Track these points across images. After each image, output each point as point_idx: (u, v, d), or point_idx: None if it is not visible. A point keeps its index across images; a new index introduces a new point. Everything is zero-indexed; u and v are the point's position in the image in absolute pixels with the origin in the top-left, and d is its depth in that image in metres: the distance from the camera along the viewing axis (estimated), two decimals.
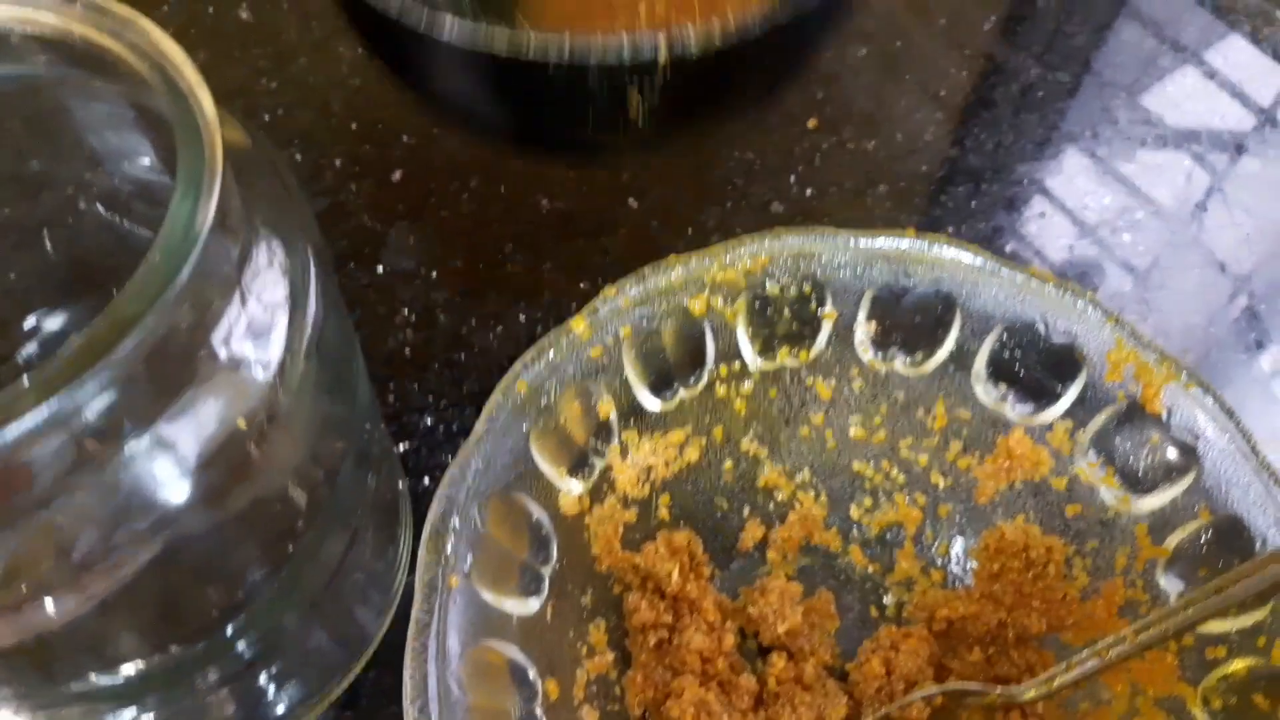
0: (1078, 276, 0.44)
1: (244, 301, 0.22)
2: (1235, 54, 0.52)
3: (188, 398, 0.21)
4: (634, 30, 0.26)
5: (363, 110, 0.46)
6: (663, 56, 0.26)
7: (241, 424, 0.21)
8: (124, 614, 0.24)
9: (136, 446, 0.20)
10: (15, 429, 0.17)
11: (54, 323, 0.34)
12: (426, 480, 0.38)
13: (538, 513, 0.29)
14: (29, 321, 0.33)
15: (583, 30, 0.30)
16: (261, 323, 0.22)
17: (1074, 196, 0.47)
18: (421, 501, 0.37)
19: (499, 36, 0.26)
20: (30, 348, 0.34)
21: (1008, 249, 0.44)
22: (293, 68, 0.47)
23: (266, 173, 0.24)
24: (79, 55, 0.23)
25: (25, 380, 0.18)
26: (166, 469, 0.21)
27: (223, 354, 0.21)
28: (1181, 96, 0.51)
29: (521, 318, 0.42)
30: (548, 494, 0.30)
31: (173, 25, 0.48)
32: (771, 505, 0.35)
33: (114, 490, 0.21)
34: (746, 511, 0.34)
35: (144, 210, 0.30)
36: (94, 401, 0.18)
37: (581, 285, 0.42)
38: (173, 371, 0.20)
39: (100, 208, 0.30)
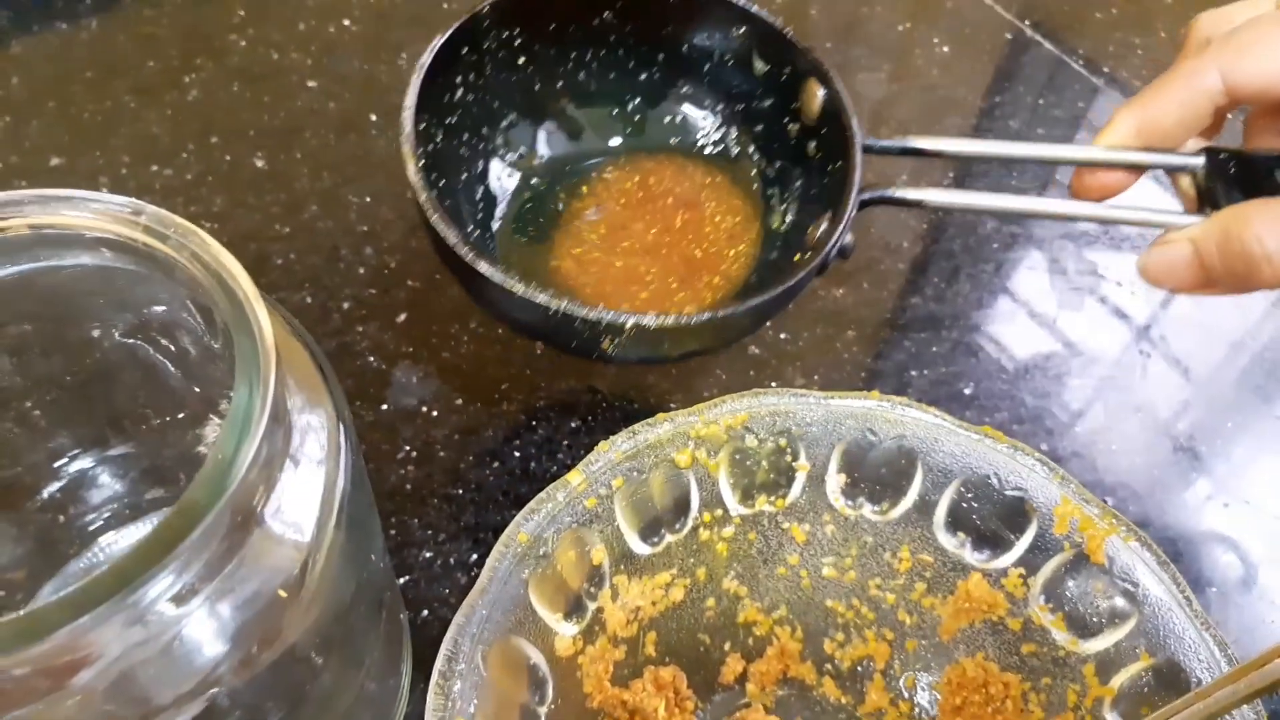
0: (1030, 419, 0.48)
1: (286, 478, 0.25)
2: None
3: (234, 571, 0.23)
4: (617, 308, 0.35)
5: (370, 256, 0.50)
6: (629, 323, 0.34)
7: (282, 594, 0.24)
8: None
9: (186, 618, 0.23)
10: (93, 616, 0.20)
11: (81, 461, 0.36)
12: (425, 612, 0.40)
13: (535, 656, 0.32)
14: (62, 459, 0.35)
15: (584, 299, 0.41)
16: (299, 496, 0.25)
17: (1025, 342, 0.51)
18: (420, 633, 0.39)
19: (515, 284, 0.34)
20: (58, 484, 0.36)
21: (965, 391, 0.48)
22: (304, 214, 0.51)
23: (303, 356, 0.27)
24: (143, 255, 0.26)
25: (102, 569, 0.20)
26: (210, 637, 0.23)
27: (266, 527, 0.24)
28: (1126, 248, 0.55)
29: (516, 454, 0.44)
30: (544, 637, 0.32)
31: (192, 172, 0.52)
32: (751, 640, 0.37)
33: (162, 660, 0.23)
34: (727, 646, 0.37)
35: (168, 347, 0.33)
36: (162, 584, 0.21)
37: (573, 423, 0.45)
38: (225, 548, 0.23)
39: (130, 348, 0.32)
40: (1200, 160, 0.37)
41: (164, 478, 0.37)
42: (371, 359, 0.46)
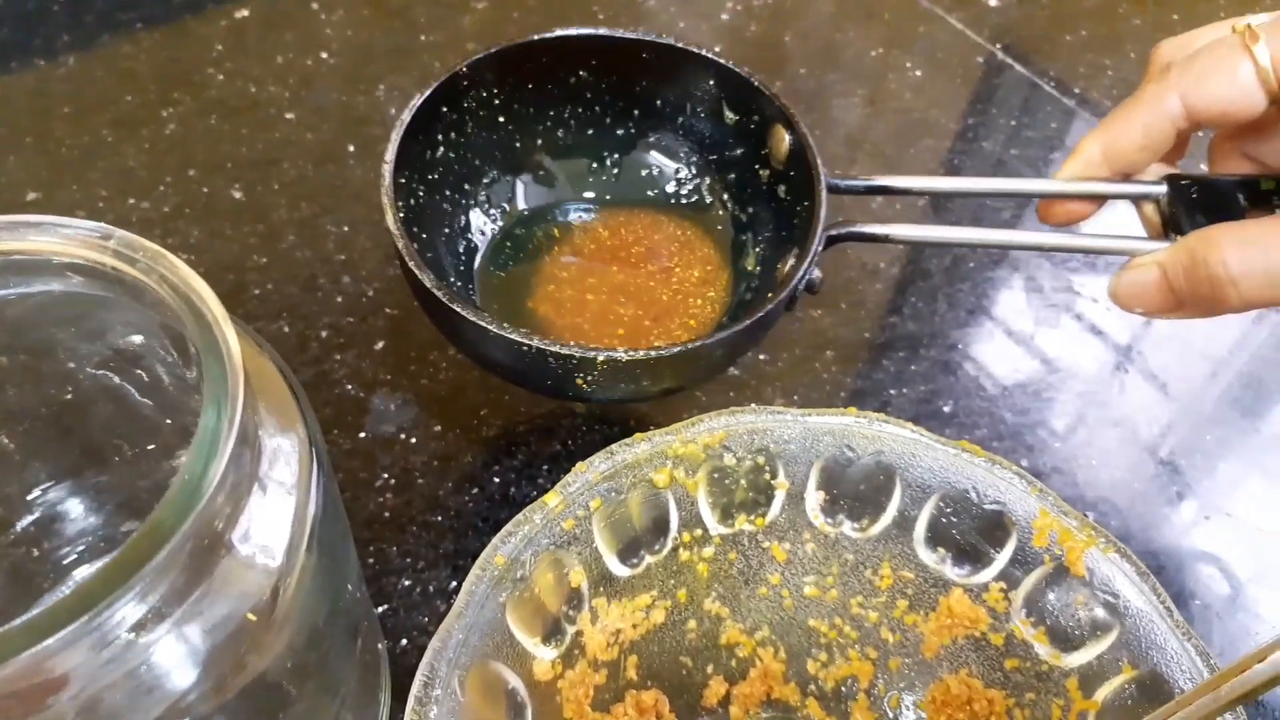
0: (1010, 436, 0.48)
1: (255, 501, 0.24)
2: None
3: (203, 594, 0.23)
4: (587, 344, 0.36)
5: (348, 285, 0.50)
6: (601, 358, 0.35)
7: (251, 617, 0.24)
8: None
9: (155, 642, 0.22)
10: (58, 639, 0.19)
11: (55, 493, 0.36)
12: (404, 641, 0.39)
13: (514, 681, 0.31)
14: (35, 492, 0.35)
15: (558, 336, 0.42)
16: (269, 520, 0.25)
17: (1004, 360, 0.51)
18: (399, 662, 0.39)
19: (489, 322, 0.35)
20: (31, 516, 0.35)
21: (945, 410, 0.48)
22: (282, 244, 0.51)
23: (276, 380, 0.27)
24: (111, 280, 0.26)
25: (67, 591, 0.20)
26: (180, 662, 0.23)
27: (235, 551, 0.24)
28: (1102, 266, 0.56)
29: (496, 480, 0.44)
30: (523, 662, 0.32)
31: (170, 204, 0.52)
32: (733, 662, 0.37)
33: (129, 685, 0.22)
34: (710, 669, 0.37)
35: (141, 377, 0.32)
36: (128, 607, 0.21)
37: (553, 448, 0.45)
38: (192, 571, 0.23)
39: (103, 379, 0.32)
40: (1163, 188, 0.38)
41: (139, 510, 0.37)
42: (349, 387, 0.46)
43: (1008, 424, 0.48)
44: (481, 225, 0.46)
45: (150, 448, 0.35)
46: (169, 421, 0.33)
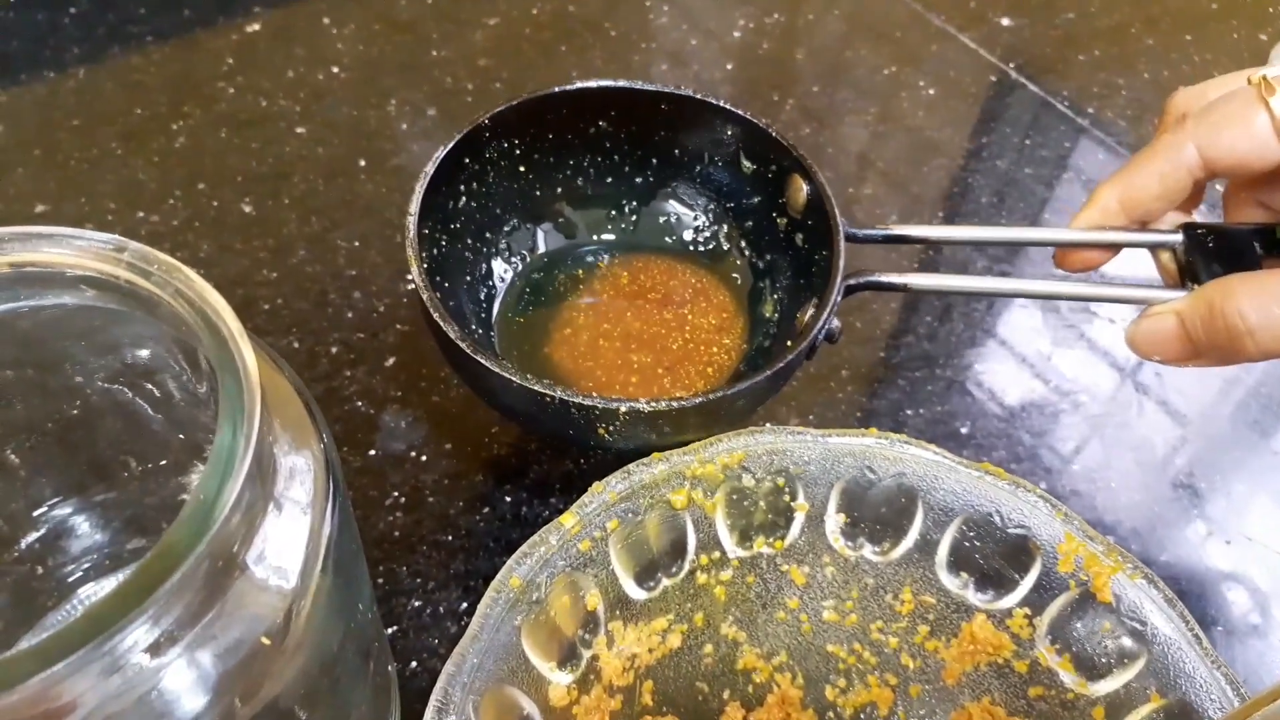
0: (1028, 458, 0.47)
1: (270, 521, 0.24)
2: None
3: (216, 618, 0.22)
4: (609, 395, 0.36)
5: (358, 300, 0.49)
6: (623, 409, 0.35)
7: (265, 641, 0.23)
8: None
9: (166, 667, 0.22)
10: (67, 665, 0.19)
11: (61, 510, 0.35)
12: (414, 664, 0.39)
13: (528, 707, 0.30)
14: (41, 508, 0.35)
15: (577, 386, 0.43)
16: (284, 541, 0.24)
17: (1020, 381, 0.50)
18: (409, 685, 0.38)
19: (513, 374, 0.35)
20: (37, 533, 0.35)
21: (962, 430, 0.47)
22: (292, 259, 0.50)
23: (291, 397, 0.27)
24: (126, 293, 0.25)
25: (74, 611, 0.19)
26: (191, 687, 0.22)
27: (250, 573, 0.23)
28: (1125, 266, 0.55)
29: (507, 499, 0.43)
30: (537, 686, 0.31)
31: (179, 218, 0.52)
32: (750, 688, 0.36)
33: (140, 711, 0.22)
34: (726, 694, 0.36)
35: (152, 393, 0.32)
36: (140, 631, 0.20)
37: (566, 464, 0.45)
38: (205, 594, 0.22)
39: (113, 393, 0.32)
40: (1179, 237, 0.38)
41: (146, 528, 0.36)
42: (360, 404, 0.45)
43: (1025, 445, 0.48)
44: (502, 272, 0.47)
45: (159, 464, 0.35)
46: (180, 438, 0.32)
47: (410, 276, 0.38)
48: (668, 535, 0.34)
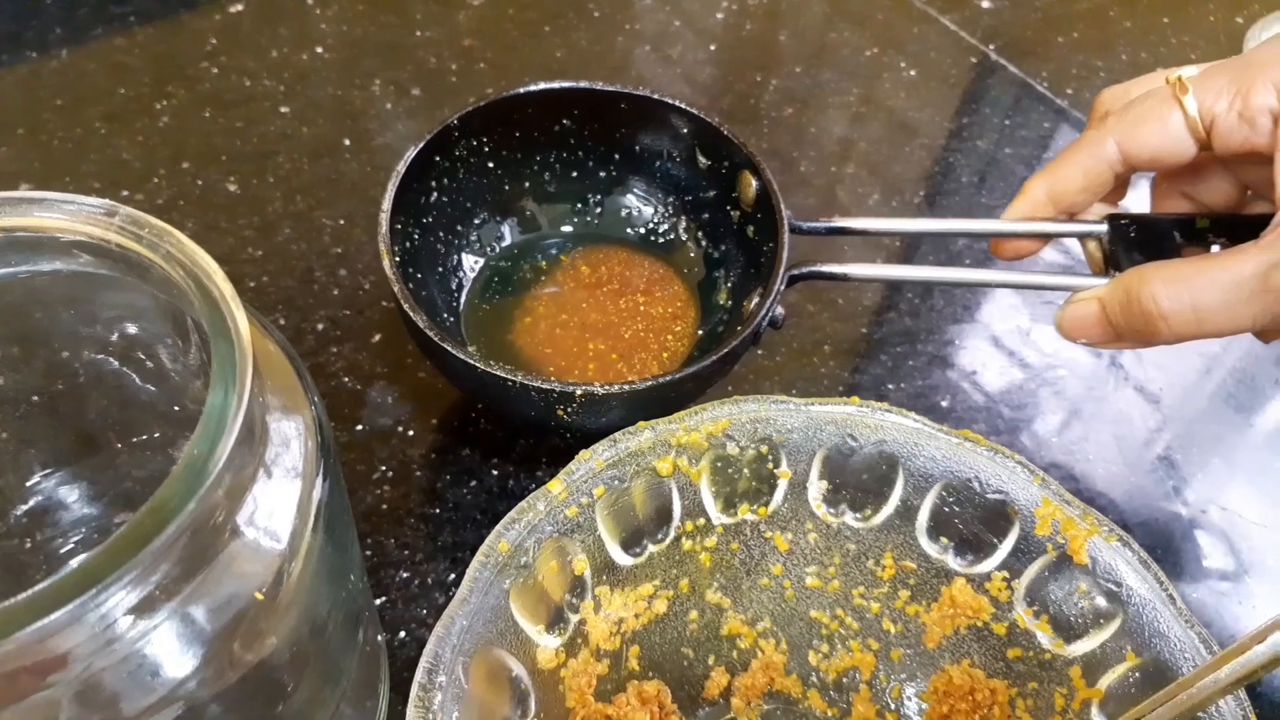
0: (1007, 430, 0.48)
1: (264, 480, 0.24)
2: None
3: (209, 574, 0.23)
4: (567, 379, 0.40)
5: (344, 278, 0.49)
6: (579, 392, 0.37)
7: (258, 596, 0.23)
8: None
9: (158, 622, 0.22)
10: (59, 617, 0.19)
11: (51, 482, 0.35)
12: (403, 633, 0.39)
13: (517, 668, 0.31)
14: (31, 479, 0.35)
15: (538, 370, 0.45)
16: (276, 501, 0.24)
17: (1000, 356, 0.51)
18: (398, 655, 0.39)
19: (476, 361, 0.37)
20: (26, 505, 0.35)
21: (943, 404, 0.48)
22: (277, 237, 0.51)
23: (281, 362, 0.27)
24: (117, 258, 0.25)
25: (71, 568, 0.20)
26: (184, 642, 0.23)
27: (242, 531, 0.23)
28: None
29: (494, 472, 0.44)
30: (526, 649, 0.32)
31: (164, 196, 0.52)
32: (735, 653, 0.37)
33: (133, 665, 0.22)
34: (711, 660, 0.36)
35: (144, 364, 0.32)
36: (133, 586, 0.20)
37: (553, 440, 0.45)
38: (198, 551, 0.22)
39: (103, 364, 0.32)
40: (1103, 227, 0.40)
41: (135, 502, 0.36)
42: (346, 379, 0.46)
43: (1005, 419, 0.48)
44: (472, 264, 0.48)
45: (149, 437, 0.35)
46: (172, 409, 0.33)
47: (384, 269, 0.39)
48: (653, 502, 0.35)
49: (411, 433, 0.44)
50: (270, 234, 0.51)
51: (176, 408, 0.33)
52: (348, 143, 0.56)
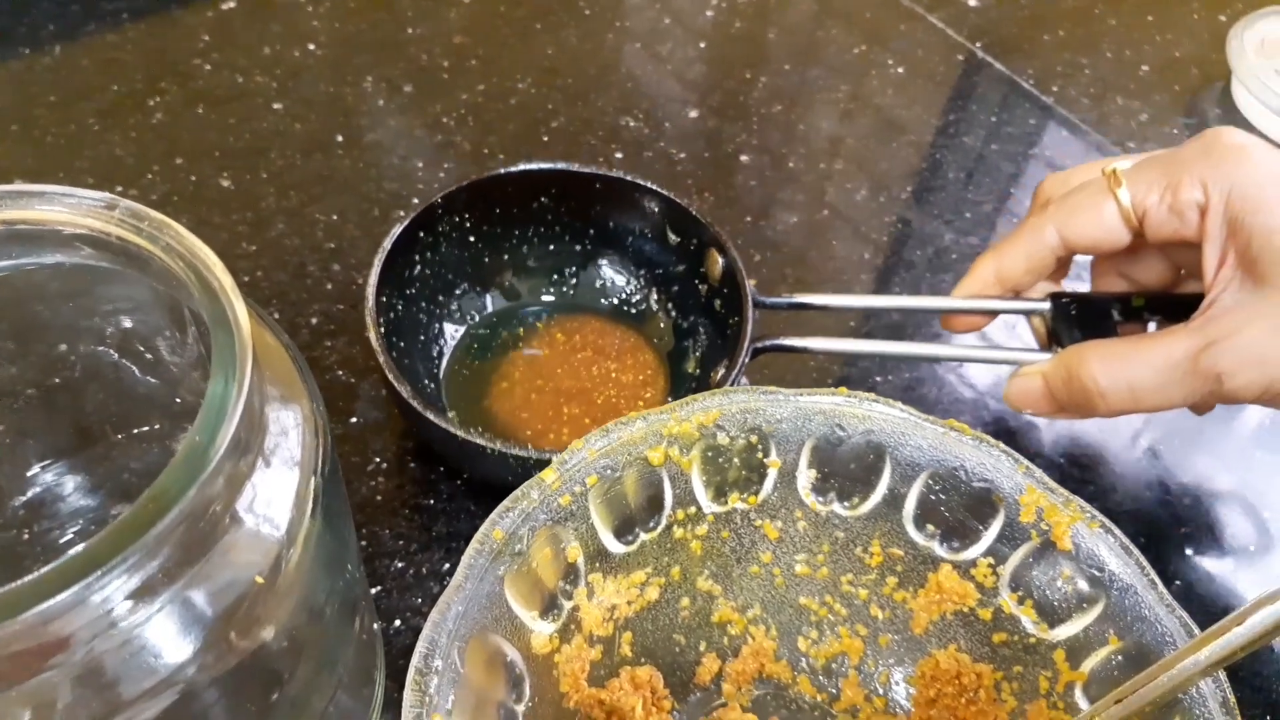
0: (993, 422, 0.49)
1: (263, 467, 0.25)
2: None
3: (209, 560, 0.23)
4: (541, 445, 0.43)
5: (337, 272, 0.50)
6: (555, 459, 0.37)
7: (259, 580, 0.24)
8: None
9: (158, 606, 0.22)
10: (60, 600, 0.19)
11: (49, 474, 0.35)
12: (398, 622, 0.40)
13: (512, 653, 0.31)
14: (29, 471, 0.35)
15: (514, 434, 0.47)
16: (275, 488, 0.25)
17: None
18: (393, 643, 0.39)
19: (453, 426, 0.40)
20: (26, 496, 0.35)
21: (930, 396, 0.49)
22: (271, 232, 0.51)
23: (279, 352, 0.27)
24: (118, 250, 0.26)
25: (73, 553, 0.20)
26: (183, 627, 0.23)
27: (242, 519, 0.24)
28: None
29: None
30: (520, 635, 0.32)
31: (157, 192, 0.52)
32: (725, 640, 0.37)
33: (135, 647, 0.22)
34: (703, 646, 0.37)
35: (144, 357, 0.32)
36: (134, 570, 0.21)
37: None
38: (198, 537, 0.23)
39: (103, 357, 0.32)
40: (1046, 305, 0.44)
41: (134, 493, 0.37)
42: (340, 373, 0.46)
43: (991, 410, 0.49)
44: (453, 332, 0.50)
45: (148, 429, 0.35)
46: (173, 402, 0.33)
47: (370, 340, 0.41)
48: (645, 491, 0.35)
49: (405, 425, 0.45)
50: (263, 229, 0.51)
51: (175, 400, 0.34)
52: (340, 139, 0.56)
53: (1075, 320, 0.43)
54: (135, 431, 0.35)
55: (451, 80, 0.62)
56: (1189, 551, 0.45)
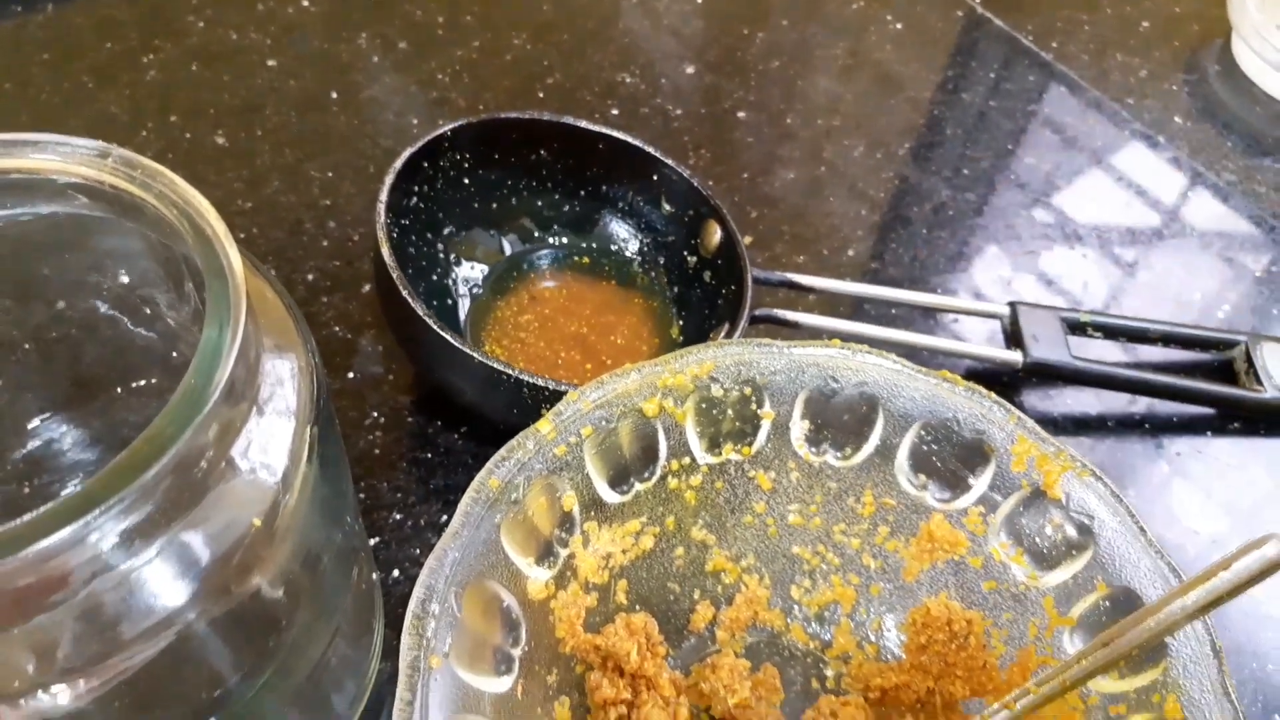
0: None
1: (258, 415, 0.25)
2: (1137, 159, 0.59)
3: (206, 503, 0.23)
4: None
5: (333, 229, 0.50)
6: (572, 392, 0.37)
7: (256, 523, 0.24)
8: (113, 706, 0.26)
9: (157, 546, 0.23)
10: (59, 537, 0.20)
11: (48, 427, 0.36)
12: (396, 572, 0.40)
13: (508, 599, 0.32)
14: (29, 424, 0.35)
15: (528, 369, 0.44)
16: (271, 434, 0.25)
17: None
18: (392, 593, 0.40)
19: (471, 350, 0.39)
20: (26, 449, 0.36)
21: (924, 354, 0.49)
22: (267, 189, 0.51)
23: (274, 301, 0.28)
24: (111, 199, 0.26)
25: (71, 492, 0.20)
26: (182, 567, 0.23)
27: (240, 463, 0.24)
28: (1086, 198, 0.57)
29: (484, 417, 0.45)
30: (517, 581, 0.32)
31: (152, 149, 0.52)
32: (719, 588, 0.38)
33: (128, 587, 0.23)
34: (697, 594, 0.38)
35: (140, 310, 0.32)
36: (131, 511, 0.21)
37: None
38: (195, 480, 0.23)
39: (98, 310, 0.32)
40: (1007, 310, 0.48)
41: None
42: (337, 329, 0.46)
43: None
44: (439, 274, 0.49)
45: (146, 383, 0.35)
46: (171, 355, 0.33)
47: (383, 256, 0.40)
48: (640, 442, 0.35)
49: (402, 380, 0.45)
50: (259, 187, 0.51)
51: (173, 354, 0.34)
52: (335, 96, 0.56)
53: (1028, 324, 0.47)
54: (134, 385, 0.36)
55: (446, 36, 0.61)
56: (1180, 502, 0.46)
